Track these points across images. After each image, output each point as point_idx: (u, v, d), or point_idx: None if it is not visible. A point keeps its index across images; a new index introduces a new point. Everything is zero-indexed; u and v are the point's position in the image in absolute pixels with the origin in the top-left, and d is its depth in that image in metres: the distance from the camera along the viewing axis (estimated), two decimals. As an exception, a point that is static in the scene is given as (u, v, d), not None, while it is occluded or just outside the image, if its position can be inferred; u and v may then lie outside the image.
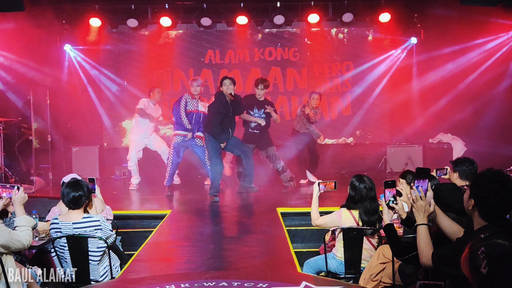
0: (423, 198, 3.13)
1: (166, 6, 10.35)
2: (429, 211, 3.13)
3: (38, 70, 10.00)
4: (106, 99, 11.17)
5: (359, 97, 11.24)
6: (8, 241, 3.66)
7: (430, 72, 10.73)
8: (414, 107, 10.87)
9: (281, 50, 11.27)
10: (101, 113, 11.13)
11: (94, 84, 11.09)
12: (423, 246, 3.04)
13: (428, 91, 10.67)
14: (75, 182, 4.29)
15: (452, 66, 10.55)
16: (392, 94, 11.20)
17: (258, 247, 5.40)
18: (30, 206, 4.31)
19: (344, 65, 11.33)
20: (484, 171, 2.84)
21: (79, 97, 10.90)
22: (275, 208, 6.97)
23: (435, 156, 10.34)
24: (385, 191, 3.72)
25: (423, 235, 3.07)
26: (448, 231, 3.14)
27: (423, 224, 3.10)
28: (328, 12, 10.61)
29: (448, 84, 10.55)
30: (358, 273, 4.60)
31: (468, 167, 4.99)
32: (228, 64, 11.18)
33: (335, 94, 11.35)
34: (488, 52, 10.45)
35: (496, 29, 10.17)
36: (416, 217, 3.14)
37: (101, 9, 10.34)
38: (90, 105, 11.01)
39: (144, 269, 4.55)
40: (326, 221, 4.88)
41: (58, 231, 4.24)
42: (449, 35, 10.29)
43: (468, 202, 2.85)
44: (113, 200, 7.76)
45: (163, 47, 11.18)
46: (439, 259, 2.92)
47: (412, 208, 3.18)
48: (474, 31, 10.09)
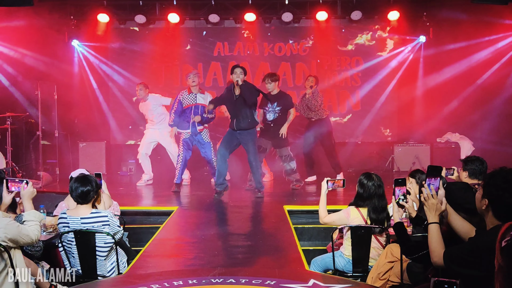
0: (435, 197, 3.09)
1: (174, 3, 10.32)
2: (440, 210, 3.08)
3: (46, 65, 10.02)
4: (113, 94, 11.17)
5: (368, 94, 11.17)
6: (17, 235, 3.66)
7: (438, 71, 10.66)
8: (422, 106, 10.82)
9: (290, 45, 11.23)
10: (108, 109, 11.13)
11: (102, 79, 11.09)
12: (435, 245, 3.00)
13: (436, 90, 10.61)
14: (84, 177, 4.29)
15: (460, 65, 10.49)
16: (400, 92, 11.14)
17: (265, 244, 5.38)
18: (37, 201, 4.31)
19: (354, 59, 11.28)
20: (497, 170, 2.81)
21: (87, 93, 10.93)
22: (282, 206, 6.95)
23: (443, 155, 10.28)
24: (395, 189, 3.69)
25: (435, 233, 3.03)
26: (460, 230, 3.11)
27: (435, 222, 3.06)
28: (337, 10, 10.55)
29: (457, 83, 10.48)
30: (366, 272, 4.58)
31: (478, 166, 4.98)
32: (237, 56, 11.15)
33: (344, 88, 11.30)
34: (498, 51, 10.39)
35: (506, 28, 10.11)
36: (428, 215, 3.11)
37: (109, 5, 10.33)
38: (97, 101, 11.03)
39: (152, 265, 4.54)
40: (334, 219, 4.86)
41: (66, 225, 4.24)
42: (458, 34, 10.24)
43: (481, 202, 2.82)
44: (119, 196, 7.78)
45: (171, 42, 11.16)
46: (451, 258, 2.89)
47: (424, 207, 3.15)
48: (483, 30, 10.05)
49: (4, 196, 3.98)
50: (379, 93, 11.16)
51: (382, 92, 11.16)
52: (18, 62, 9.69)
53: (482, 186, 2.86)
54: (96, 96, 11.02)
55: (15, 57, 9.68)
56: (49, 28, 10.10)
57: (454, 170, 5.64)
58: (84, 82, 10.97)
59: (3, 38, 9.45)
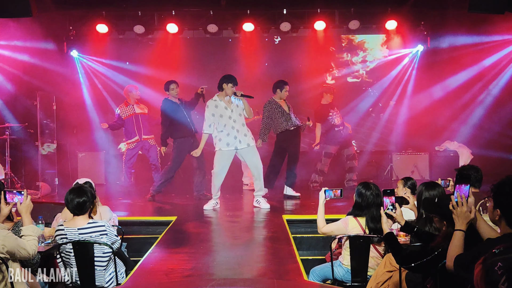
0: (464, 204, 3.04)
1: (173, 13, 10.38)
2: (469, 218, 3.03)
3: (45, 76, 10.04)
4: (111, 104, 11.16)
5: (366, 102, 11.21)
6: (14, 248, 3.66)
7: (436, 80, 10.70)
8: (420, 115, 10.82)
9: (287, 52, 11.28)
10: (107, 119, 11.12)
11: (100, 89, 11.10)
12: (453, 250, 2.97)
13: (434, 99, 10.64)
14: (79, 188, 4.29)
15: (458, 74, 10.52)
16: (398, 101, 11.17)
17: (264, 254, 5.38)
18: (35, 211, 4.29)
19: (352, 68, 11.34)
20: (504, 179, 2.78)
21: (85, 103, 10.93)
22: (281, 215, 6.95)
23: (442, 164, 10.29)
24: (384, 199, 3.73)
25: (457, 240, 2.99)
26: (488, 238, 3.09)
27: (460, 230, 3.03)
28: (335, 19, 10.61)
29: (455, 92, 10.52)
30: (364, 281, 4.56)
31: (473, 175, 4.98)
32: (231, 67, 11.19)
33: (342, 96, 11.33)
34: (497, 61, 10.42)
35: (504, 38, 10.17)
36: (455, 222, 3.06)
37: (108, 15, 10.38)
38: (95, 111, 11.02)
39: (150, 276, 4.54)
40: (332, 228, 4.85)
41: (63, 237, 4.23)
42: (455, 43, 10.28)
43: (494, 213, 2.80)
44: (118, 206, 7.78)
45: (169, 53, 11.19)
46: (459, 263, 2.87)
47: (452, 214, 3.12)
48: (481, 39, 10.08)
49: (2, 207, 3.98)
50: (376, 102, 11.19)
51: (379, 101, 11.19)
52: (16, 73, 9.70)
53: (492, 197, 2.85)
54: (94, 106, 11.01)
55: (14, 67, 9.69)
56: (48, 39, 10.13)
57: (450, 181, 5.65)
58: (83, 92, 10.98)
59: (2, 48, 9.49)
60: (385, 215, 3.68)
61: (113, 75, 11.12)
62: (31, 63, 9.87)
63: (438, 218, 3.64)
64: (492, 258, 2.21)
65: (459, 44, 10.28)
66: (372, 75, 11.31)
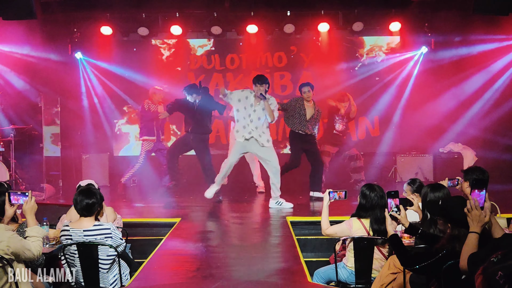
0: (478, 208, 3.10)
1: (177, 15, 10.39)
2: (484, 221, 3.09)
3: (49, 77, 10.07)
4: (115, 106, 11.19)
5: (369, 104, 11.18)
6: (19, 249, 3.67)
7: (440, 82, 10.67)
8: (424, 116, 10.78)
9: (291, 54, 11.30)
10: (111, 120, 11.16)
11: (104, 91, 11.11)
12: (467, 252, 3.02)
13: (438, 101, 10.61)
14: (88, 190, 4.31)
15: (462, 76, 10.50)
16: (402, 103, 11.12)
17: (268, 256, 5.38)
18: (40, 213, 4.30)
19: (355, 69, 11.34)
20: None
21: (89, 105, 10.95)
22: (285, 217, 6.95)
23: (446, 165, 10.27)
24: (388, 201, 3.72)
25: (471, 242, 3.05)
26: None
27: (475, 232, 3.08)
28: (338, 21, 10.59)
29: (458, 94, 10.50)
30: (368, 283, 4.56)
31: (479, 176, 4.96)
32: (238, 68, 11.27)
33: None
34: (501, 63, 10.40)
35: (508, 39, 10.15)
36: (470, 225, 3.12)
37: (112, 17, 10.39)
38: (100, 113, 11.04)
39: (154, 277, 4.55)
40: (336, 230, 4.84)
41: (68, 238, 4.24)
42: (460, 45, 10.26)
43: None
44: (122, 207, 7.79)
45: (174, 54, 11.22)
46: (472, 261, 2.89)
47: (467, 217, 3.16)
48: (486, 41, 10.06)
49: (7, 209, 3.99)
50: (380, 103, 11.16)
51: (383, 102, 11.17)
52: (21, 75, 9.74)
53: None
54: (98, 108, 11.03)
55: (19, 69, 9.73)
56: (53, 41, 10.16)
57: (458, 181, 5.61)
58: (87, 94, 11.00)
59: (7, 50, 9.52)
60: (390, 217, 3.68)
61: (118, 77, 11.11)
62: (36, 65, 9.91)
63: (442, 220, 3.65)
64: (492, 267, 2.20)
65: (463, 45, 10.25)
66: (376, 77, 11.28)
